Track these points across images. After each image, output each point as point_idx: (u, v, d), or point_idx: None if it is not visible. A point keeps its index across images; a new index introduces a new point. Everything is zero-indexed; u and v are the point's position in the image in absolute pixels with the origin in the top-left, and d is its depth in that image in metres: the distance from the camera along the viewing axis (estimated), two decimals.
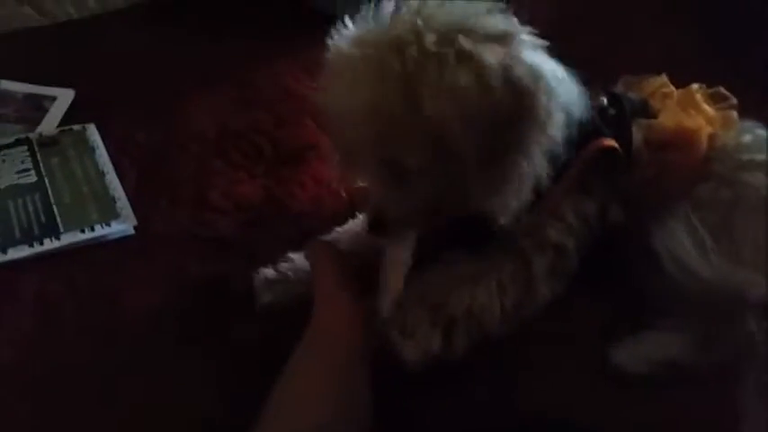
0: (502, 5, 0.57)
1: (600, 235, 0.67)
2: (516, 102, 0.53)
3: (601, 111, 0.67)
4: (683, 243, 0.63)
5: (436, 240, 0.65)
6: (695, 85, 0.73)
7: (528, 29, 0.57)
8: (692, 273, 0.62)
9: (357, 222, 0.73)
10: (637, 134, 0.67)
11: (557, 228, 0.64)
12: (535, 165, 0.56)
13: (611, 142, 0.64)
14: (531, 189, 0.58)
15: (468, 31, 0.54)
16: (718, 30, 1.07)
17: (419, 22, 0.54)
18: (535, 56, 0.56)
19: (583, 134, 0.61)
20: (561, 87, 0.56)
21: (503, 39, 0.55)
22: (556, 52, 0.59)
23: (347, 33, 0.58)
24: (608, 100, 0.68)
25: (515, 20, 0.57)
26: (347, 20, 0.59)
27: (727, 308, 0.62)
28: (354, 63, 0.55)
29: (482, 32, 0.54)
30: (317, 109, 0.61)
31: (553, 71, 0.56)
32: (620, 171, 0.66)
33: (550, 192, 0.61)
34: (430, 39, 0.53)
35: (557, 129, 0.56)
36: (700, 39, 1.08)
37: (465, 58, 0.52)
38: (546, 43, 0.57)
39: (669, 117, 0.69)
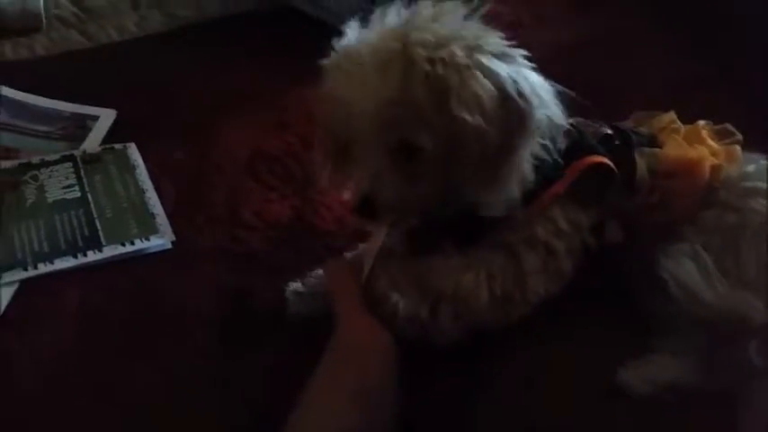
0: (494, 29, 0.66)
1: (599, 252, 0.70)
2: (521, 112, 0.61)
3: (605, 139, 0.72)
4: (687, 268, 0.65)
5: (429, 233, 0.70)
6: (702, 122, 0.77)
7: (521, 50, 0.66)
8: (697, 297, 0.64)
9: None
10: (641, 162, 0.71)
11: (545, 227, 0.67)
12: (524, 167, 0.63)
13: (602, 159, 0.68)
14: (519, 188, 0.64)
15: (480, 47, 0.62)
16: (724, 60, 1.10)
17: (439, 30, 0.62)
18: (531, 74, 0.64)
19: (577, 151, 0.69)
20: (549, 103, 0.65)
21: (507, 57, 0.64)
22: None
23: (359, 34, 0.66)
24: (614, 131, 0.73)
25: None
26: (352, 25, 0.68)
27: (730, 332, 0.63)
28: (380, 52, 0.62)
29: (491, 50, 0.63)
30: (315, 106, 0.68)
31: (544, 88, 0.65)
32: (617, 191, 0.70)
33: (540, 196, 0.67)
34: (455, 48, 0.61)
35: (543, 138, 0.65)
36: (707, 68, 1.11)
37: (486, 71, 0.61)
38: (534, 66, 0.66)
39: (673, 148, 0.73)
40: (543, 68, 0.63)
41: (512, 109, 0.61)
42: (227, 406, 0.69)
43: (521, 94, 0.61)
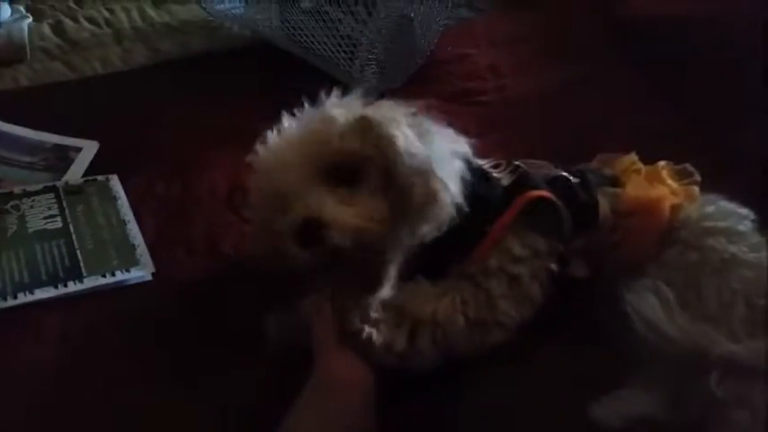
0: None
1: (569, 287, 0.74)
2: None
3: (554, 180, 0.76)
4: (649, 302, 0.66)
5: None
6: (662, 162, 0.81)
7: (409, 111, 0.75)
8: (659, 331, 0.65)
9: None
10: (604, 202, 0.75)
11: (499, 257, 0.71)
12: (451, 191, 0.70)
13: (544, 193, 0.73)
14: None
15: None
16: (695, 105, 1.15)
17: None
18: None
19: (521, 187, 0.74)
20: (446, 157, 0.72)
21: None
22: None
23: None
24: (572, 174, 0.77)
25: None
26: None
27: (692, 365, 0.65)
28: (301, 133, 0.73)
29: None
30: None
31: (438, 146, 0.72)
32: (580, 230, 0.74)
33: (490, 231, 0.72)
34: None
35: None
36: (673, 116, 1.15)
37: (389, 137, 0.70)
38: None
39: (634, 187, 0.77)
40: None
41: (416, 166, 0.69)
42: None
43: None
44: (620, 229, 0.75)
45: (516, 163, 0.79)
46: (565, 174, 0.77)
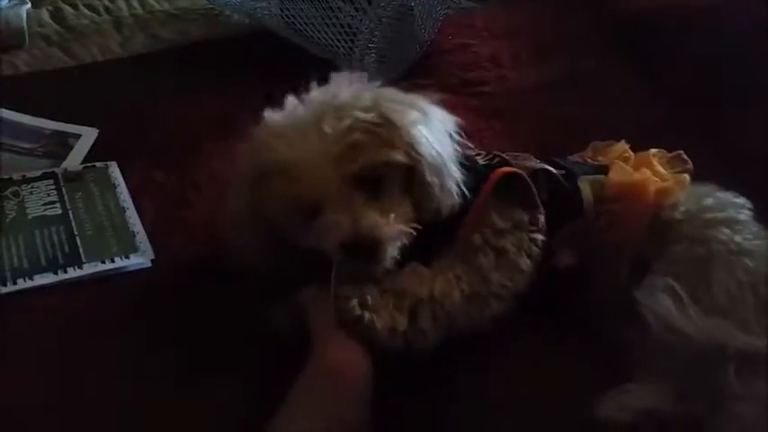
0: None
1: (554, 275, 0.75)
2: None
3: (544, 173, 0.77)
4: (664, 302, 0.67)
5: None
6: (653, 150, 0.81)
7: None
8: (676, 330, 0.65)
9: None
10: (586, 189, 0.77)
11: (482, 232, 0.73)
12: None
13: (514, 170, 0.75)
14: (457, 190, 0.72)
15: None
16: (693, 99, 1.15)
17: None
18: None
19: (494, 167, 0.77)
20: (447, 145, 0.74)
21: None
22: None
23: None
24: (556, 166, 0.79)
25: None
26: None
27: (707, 360, 0.64)
28: (313, 115, 0.70)
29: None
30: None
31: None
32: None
33: (471, 208, 0.74)
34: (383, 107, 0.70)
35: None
36: (668, 109, 1.16)
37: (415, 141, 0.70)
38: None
39: (617, 173, 0.78)
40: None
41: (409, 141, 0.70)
42: (206, 423, 0.71)
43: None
44: (604, 216, 0.76)
45: (496, 153, 0.80)
46: (546, 166, 0.78)
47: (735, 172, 0.92)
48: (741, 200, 0.77)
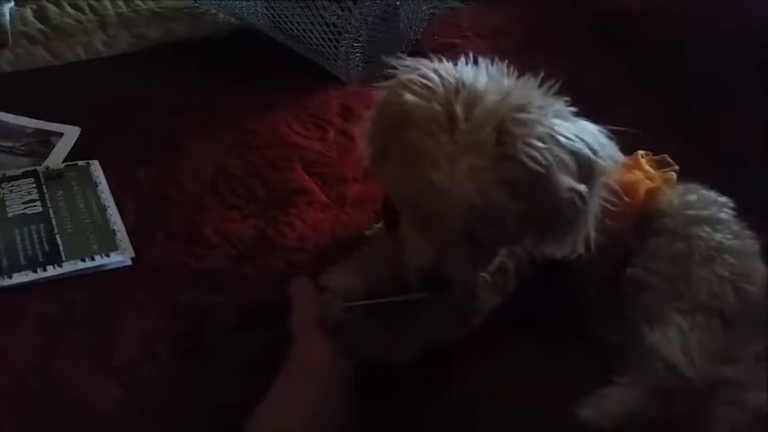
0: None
1: (543, 271, 0.74)
2: (597, 168, 0.64)
3: None
4: (671, 344, 0.66)
5: None
6: (641, 152, 0.81)
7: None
8: (678, 373, 0.64)
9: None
10: None
11: None
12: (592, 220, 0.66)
13: None
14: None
15: (556, 116, 0.63)
16: (677, 99, 1.15)
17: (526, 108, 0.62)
18: (588, 125, 0.66)
19: None
20: (610, 148, 0.67)
21: (569, 117, 0.65)
22: None
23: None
24: None
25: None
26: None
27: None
28: (476, 137, 0.60)
29: (561, 116, 0.64)
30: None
31: (602, 135, 0.67)
32: None
33: None
34: (541, 128, 0.61)
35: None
36: (654, 109, 1.16)
37: (566, 140, 0.61)
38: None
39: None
40: None
41: (590, 169, 0.63)
42: (186, 420, 0.70)
43: (594, 152, 0.63)
44: None
45: None
46: None
47: (718, 170, 0.93)
48: (723, 198, 0.77)
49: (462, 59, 0.67)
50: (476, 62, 0.67)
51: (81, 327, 0.78)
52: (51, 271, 0.83)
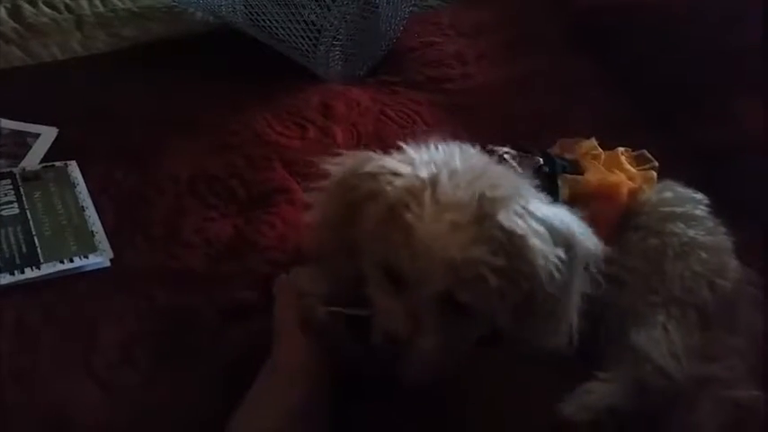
0: None
1: None
2: (577, 250, 0.64)
3: (538, 169, 0.76)
4: (659, 348, 0.67)
5: None
6: (621, 149, 0.82)
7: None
8: (666, 376, 0.65)
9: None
10: (564, 188, 0.76)
11: None
12: (574, 310, 0.65)
13: None
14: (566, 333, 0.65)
15: (531, 201, 0.64)
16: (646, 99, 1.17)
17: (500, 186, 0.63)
18: (564, 212, 0.66)
19: None
20: (587, 235, 0.67)
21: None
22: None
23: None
24: (543, 160, 0.77)
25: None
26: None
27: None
28: (459, 210, 0.61)
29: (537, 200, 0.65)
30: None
31: (577, 222, 0.67)
32: None
33: None
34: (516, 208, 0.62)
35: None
36: (631, 106, 1.17)
37: (544, 222, 0.62)
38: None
39: (593, 173, 0.78)
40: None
41: (567, 245, 0.63)
42: (168, 423, 0.70)
43: (570, 231, 0.63)
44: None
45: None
46: (541, 161, 0.78)
47: (694, 167, 0.94)
48: (699, 195, 0.78)
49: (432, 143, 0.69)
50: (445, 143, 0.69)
51: (59, 330, 0.78)
52: (29, 273, 0.82)
